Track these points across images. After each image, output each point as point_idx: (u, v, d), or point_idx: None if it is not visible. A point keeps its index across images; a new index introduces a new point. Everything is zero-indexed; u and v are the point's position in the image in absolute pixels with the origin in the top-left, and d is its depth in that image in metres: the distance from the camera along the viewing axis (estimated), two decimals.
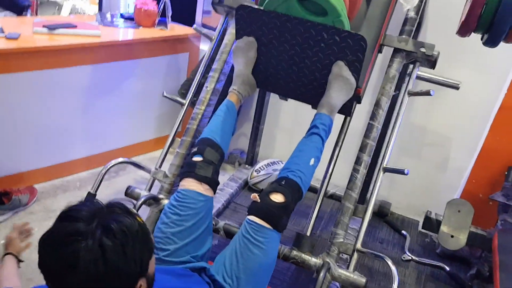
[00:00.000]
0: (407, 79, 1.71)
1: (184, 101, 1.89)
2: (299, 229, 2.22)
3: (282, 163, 2.75)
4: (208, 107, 1.82)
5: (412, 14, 1.72)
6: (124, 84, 2.61)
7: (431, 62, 1.68)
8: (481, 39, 1.63)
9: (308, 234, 1.61)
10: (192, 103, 1.90)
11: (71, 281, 0.80)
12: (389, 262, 1.48)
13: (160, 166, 1.85)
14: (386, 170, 1.62)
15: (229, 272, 1.27)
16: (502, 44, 1.60)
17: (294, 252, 1.56)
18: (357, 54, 1.46)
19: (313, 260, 1.54)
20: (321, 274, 1.45)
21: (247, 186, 2.73)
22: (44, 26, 2.30)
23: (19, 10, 2.53)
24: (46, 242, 0.83)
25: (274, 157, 2.83)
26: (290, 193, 1.36)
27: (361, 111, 1.93)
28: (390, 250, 2.44)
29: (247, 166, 2.82)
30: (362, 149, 1.63)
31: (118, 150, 2.77)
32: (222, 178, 2.01)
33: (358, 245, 1.56)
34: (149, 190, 1.82)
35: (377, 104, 1.66)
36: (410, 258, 2.40)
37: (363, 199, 2.17)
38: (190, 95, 1.89)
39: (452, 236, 2.14)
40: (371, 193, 1.63)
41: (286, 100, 1.90)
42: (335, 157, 1.68)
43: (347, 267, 1.55)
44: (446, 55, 1.80)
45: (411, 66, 1.75)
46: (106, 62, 2.46)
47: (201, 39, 2.86)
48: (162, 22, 2.70)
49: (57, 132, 2.42)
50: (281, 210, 1.34)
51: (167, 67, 2.80)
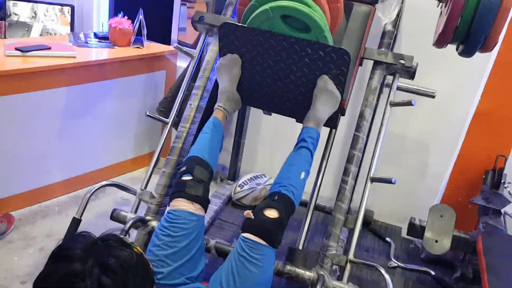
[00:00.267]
0: (389, 90, 1.74)
1: (168, 120, 1.87)
2: (289, 243, 2.22)
3: (265, 177, 2.76)
4: (193, 125, 1.81)
5: (390, 28, 1.77)
6: (101, 105, 2.57)
7: (410, 73, 1.73)
8: (457, 50, 1.68)
9: (301, 248, 1.61)
10: (175, 124, 1.88)
11: None
12: (383, 271, 1.49)
13: (146, 187, 1.82)
14: (374, 180, 1.64)
15: None
16: (475, 53, 1.66)
17: (288, 267, 1.55)
18: (341, 68, 1.48)
19: (307, 274, 1.54)
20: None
21: (231, 202, 2.72)
22: (17, 49, 2.25)
23: None
24: (42, 286, 0.79)
25: (256, 171, 2.83)
26: (284, 208, 1.36)
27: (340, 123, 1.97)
28: (376, 258, 2.48)
29: (230, 182, 2.81)
30: (349, 160, 1.65)
31: (97, 172, 2.71)
32: None
33: (351, 256, 1.57)
34: (135, 212, 1.79)
35: (361, 116, 1.69)
36: (397, 265, 2.43)
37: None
38: (174, 114, 1.87)
39: (437, 241, 2.18)
40: (360, 203, 1.64)
41: (270, 115, 1.91)
42: (323, 170, 1.70)
43: (341, 279, 1.56)
44: (421, 65, 1.85)
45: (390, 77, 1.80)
46: (83, 83, 2.42)
47: (178, 56, 2.85)
48: (138, 41, 2.68)
49: (33, 156, 2.35)
50: (276, 226, 1.33)
51: (144, 86, 2.77)
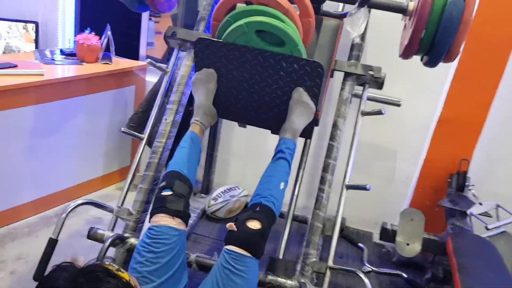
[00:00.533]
0: (359, 101, 1.81)
1: (143, 136, 1.86)
2: (266, 253, 2.24)
3: (239, 189, 2.77)
4: (169, 139, 1.81)
5: (358, 40, 1.84)
6: (71, 122, 2.53)
7: (379, 84, 1.80)
8: (421, 60, 1.77)
9: (281, 257, 1.63)
10: (149, 143, 1.88)
11: None
12: (362, 275, 1.54)
13: (122, 204, 1.80)
14: (349, 187, 1.69)
15: None
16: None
17: (270, 277, 1.57)
18: (315, 80, 1.53)
19: (289, 283, 1.56)
20: None
21: (205, 215, 2.72)
22: None
23: None
24: None
25: (229, 184, 2.85)
26: (266, 219, 1.38)
27: None
28: (351, 264, 2.53)
29: (203, 195, 2.81)
30: (325, 169, 1.69)
31: (66, 191, 2.65)
32: None
33: (330, 263, 1.61)
34: (112, 230, 1.76)
35: (335, 126, 1.74)
36: (370, 270, 2.49)
37: None
38: (149, 129, 1.87)
39: (408, 244, 2.26)
40: (337, 211, 1.69)
41: (245, 127, 1.94)
42: (300, 179, 1.73)
43: (320, 285, 1.59)
44: (386, 75, 1.93)
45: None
46: (51, 101, 2.37)
47: (147, 71, 2.84)
48: (107, 57, 2.65)
49: (1, 177, 2.27)
50: (259, 237, 1.35)
51: (114, 102, 2.75)
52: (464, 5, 1.49)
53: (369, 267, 2.51)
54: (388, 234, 2.34)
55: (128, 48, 2.88)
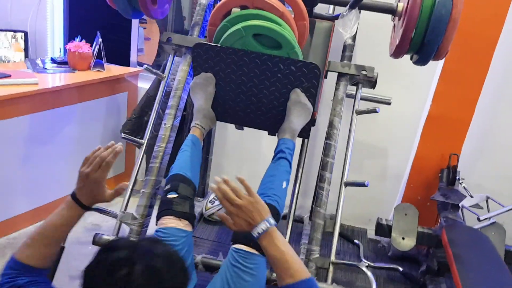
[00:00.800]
0: (353, 100, 1.86)
1: (142, 141, 1.88)
2: None
3: None
4: (169, 144, 1.83)
5: (350, 41, 1.90)
6: (65, 131, 2.53)
7: (372, 83, 1.86)
8: (411, 59, 1.83)
9: None
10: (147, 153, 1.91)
11: None
12: (364, 269, 1.59)
13: (125, 209, 1.82)
14: (348, 184, 1.74)
15: None
16: None
17: (275, 274, 1.61)
18: (312, 81, 1.58)
19: None
20: None
21: (203, 218, 2.74)
22: None
23: None
24: (93, 272, 0.84)
25: None
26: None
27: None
28: (348, 260, 2.58)
29: (199, 198, 2.84)
30: (324, 167, 1.74)
31: (63, 199, 2.63)
32: None
33: (333, 258, 1.65)
34: (117, 235, 1.78)
35: (331, 125, 1.79)
36: (367, 265, 2.54)
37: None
38: (148, 135, 1.89)
39: (403, 238, 2.32)
40: (337, 208, 1.74)
41: (242, 129, 1.98)
42: (299, 179, 1.78)
43: (324, 281, 1.63)
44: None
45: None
46: (45, 110, 2.37)
47: (139, 78, 2.86)
48: (99, 64, 2.66)
49: None
50: None
51: (107, 109, 2.76)
52: (452, 5, 1.56)
53: (366, 262, 2.55)
54: (384, 229, 2.39)
55: (118, 55, 2.89)
